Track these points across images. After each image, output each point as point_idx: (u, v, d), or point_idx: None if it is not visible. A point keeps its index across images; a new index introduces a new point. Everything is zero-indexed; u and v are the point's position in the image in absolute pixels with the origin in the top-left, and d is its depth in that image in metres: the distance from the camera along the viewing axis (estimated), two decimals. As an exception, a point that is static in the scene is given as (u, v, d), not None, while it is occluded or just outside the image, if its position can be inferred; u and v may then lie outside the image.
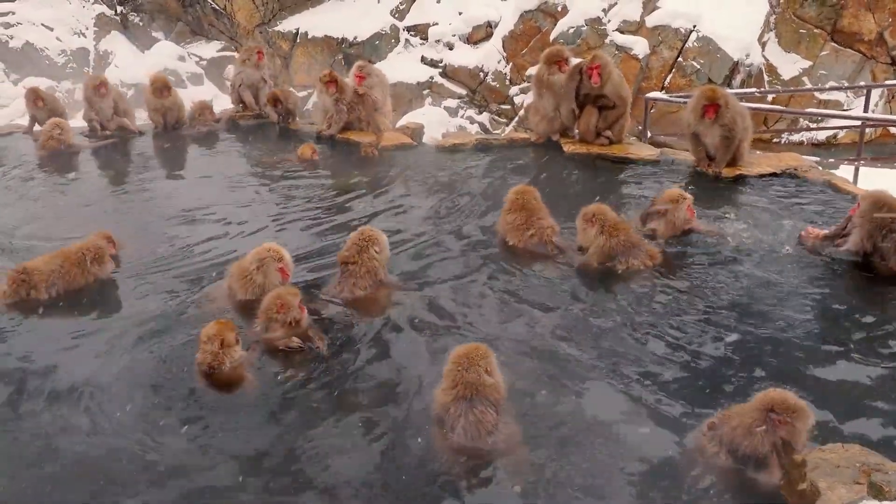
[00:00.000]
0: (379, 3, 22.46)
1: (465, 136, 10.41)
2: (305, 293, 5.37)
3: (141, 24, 24.31)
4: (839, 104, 18.91)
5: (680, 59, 18.88)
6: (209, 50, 23.60)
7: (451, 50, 21.34)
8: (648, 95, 12.96)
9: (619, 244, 6.06)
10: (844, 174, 10.32)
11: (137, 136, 10.88)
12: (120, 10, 24.38)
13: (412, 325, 5.42)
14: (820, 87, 18.37)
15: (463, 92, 20.98)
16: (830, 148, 18.49)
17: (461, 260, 6.47)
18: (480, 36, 21.31)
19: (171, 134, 10.93)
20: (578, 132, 9.19)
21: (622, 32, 19.22)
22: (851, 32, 19.07)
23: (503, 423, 4.18)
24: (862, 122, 13.27)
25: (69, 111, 12.48)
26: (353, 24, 21.86)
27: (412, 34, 21.97)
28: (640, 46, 18.95)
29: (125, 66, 21.87)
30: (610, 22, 19.41)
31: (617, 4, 19.53)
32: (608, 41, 19.02)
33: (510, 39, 20.45)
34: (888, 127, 18.08)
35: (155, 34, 24.12)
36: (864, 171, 12.13)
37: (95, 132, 10.66)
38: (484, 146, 9.64)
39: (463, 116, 20.62)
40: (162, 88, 10.73)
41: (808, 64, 19.27)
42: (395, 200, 8.00)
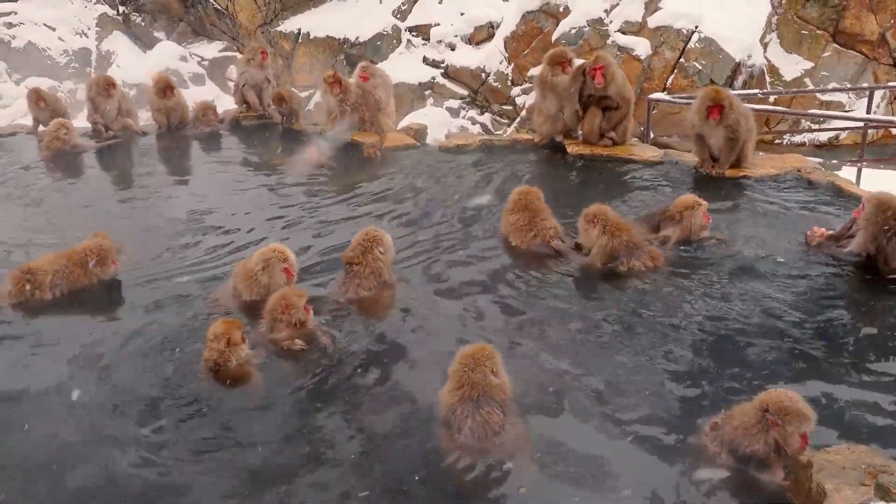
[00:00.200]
0: (381, 3, 22.49)
1: (468, 136, 10.42)
2: (309, 293, 5.37)
3: (143, 24, 24.35)
4: (841, 105, 18.93)
5: (682, 59, 18.91)
6: (211, 50, 23.64)
7: (452, 50, 21.36)
8: (651, 96, 12.96)
9: (621, 245, 6.05)
10: (847, 175, 10.32)
11: (141, 136, 10.89)
12: (122, 10, 24.42)
13: (416, 325, 5.43)
14: (823, 88, 18.39)
15: (464, 92, 21.01)
16: (832, 149, 18.50)
17: (464, 260, 6.47)
18: (482, 36, 21.34)
19: (174, 134, 10.93)
20: (582, 133, 9.19)
21: (624, 33, 19.24)
22: (853, 33, 19.09)
23: (509, 423, 4.18)
24: (864, 123, 13.28)
25: (71, 111, 12.47)
26: (354, 24, 21.90)
27: (414, 34, 21.99)
28: (641, 47, 18.97)
29: (127, 66, 21.89)
30: (612, 23, 19.43)
31: (619, 5, 19.56)
32: (610, 42, 19.05)
33: (512, 40, 20.49)
34: (890, 128, 18.12)
35: (157, 34, 24.16)
36: (866, 172, 12.14)
37: (100, 133, 10.65)
38: (487, 147, 9.64)
39: (464, 117, 20.65)
40: (165, 89, 10.74)
41: (809, 65, 19.29)
42: (398, 201, 8.00)
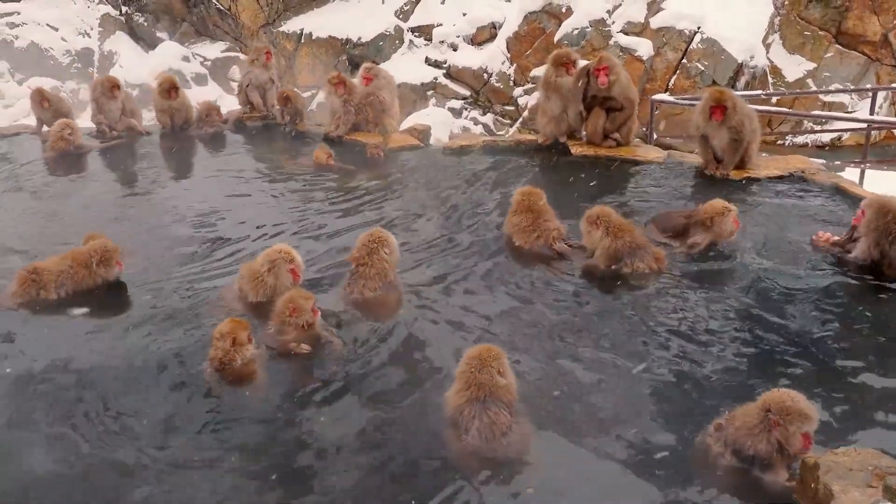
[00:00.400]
0: (383, 3, 22.50)
1: (472, 137, 10.41)
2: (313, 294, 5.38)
3: (145, 24, 24.36)
4: (843, 107, 18.91)
5: (684, 60, 18.89)
6: (214, 50, 23.65)
7: (454, 51, 21.36)
8: (654, 97, 12.96)
9: (624, 246, 6.05)
10: (850, 177, 10.33)
11: (145, 136, 10.89)
12: (125, 10, 24.44)
13: (421, 326, 5.43)
14: (826, 89, 18.36)
15: (467, 93, 21.01)
16: (834, 150, 18.49)
17: (469, 261, 6.48)
18: (484, 37, 21.34)
19: (178, 135, 10.93)
20: (586, 134, 9.19)
21: (626, 34, 19.23)
22: (856, 34, 19.07)
23: (516, 424, 4.19)
24: (868, 124, 13.28)
25: (74, 111, 12.44)
26: (357, 24, 21.90)
27: (416, 35, 22.00)
28: (644, 48, 18.96)
29: (129, 66, 21.91)
30: (614, 23, 19.42)
31: (621, 6, 19.55)
32: (612, 42, 19.04)
33: (514, 40, 20.48)
34: (893, 129, 18.11)
35: (159, 34, 24.18)
36: (869, 173, 12.15)
37: (104, 134, 10.66)
38: (491, 148, 9.65)
39: (467, 117, 20.65)
40: (170, 89, 10.74)
41: (812, 66, 19.26)
42: (402, 202, 8.01)
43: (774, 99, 16.25)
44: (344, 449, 4.22)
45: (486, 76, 20.77)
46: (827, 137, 18.83)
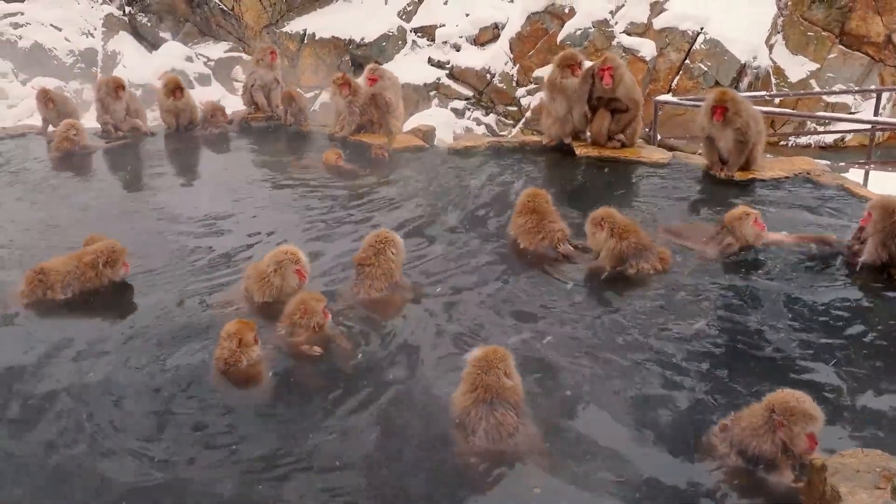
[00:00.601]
0: (386, 4, 22.54)
1: (476, 138, 10.40)
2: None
3: (149, 24, 24.41)
4: (847, 107, 18.92)
5: (687, 61, 18.91)
6: (217, 50, 23.69)
7: (457, 51, 21.40)
8: (658, 98, 12.97)
9: (629, 247, 6.05)
10: (854, 178, 10.31)
11: (149, 137, 10.91)
12: (128, 10, 24.50)
13: (427, 326, 5.43)
14: (830, 90, 18.36)
15: (469, 93, 21.03)
16: (838, 151, 18.49)
17: (474, 262, 6.48)
18: (487, 37, 21.37)
19: (183, 135, 10.95)
20: (590, 135, 9.20)
21: (629, 34, 19.26)
22: (859, 35, 19.08)
23: (523, 425, 4.19)
24: (872, 125, 13.28)
25: (78, 111, 12.47)
26: (360, 25, 21.95)
27: (419, 35, 22.03)
28: (647, 48, 18.98)
29: (133, 66, 21.95)
30: (617, 24, 19.45)
31: (624, 6, 19.58)
32: (615, 43, 19.06)
33: (517, 41, 20.51)
34: (897, 130, 18.08)
35: (163, 34, 24.23)
36: (873, 174, 12.17)
37: (109, 134, 10.67)
38: (495, 149, 9.64)
39: (469, 118, 20.68)
40: (175, 89, 10.75)
41: (815, 66, 19.29)
42: (407, 202, 8.01)
43: (777, 100, 16.26)
44: (350, 450, 4.22)
45: (488, 77, 20.80)
46: (830, 138, 18.84)
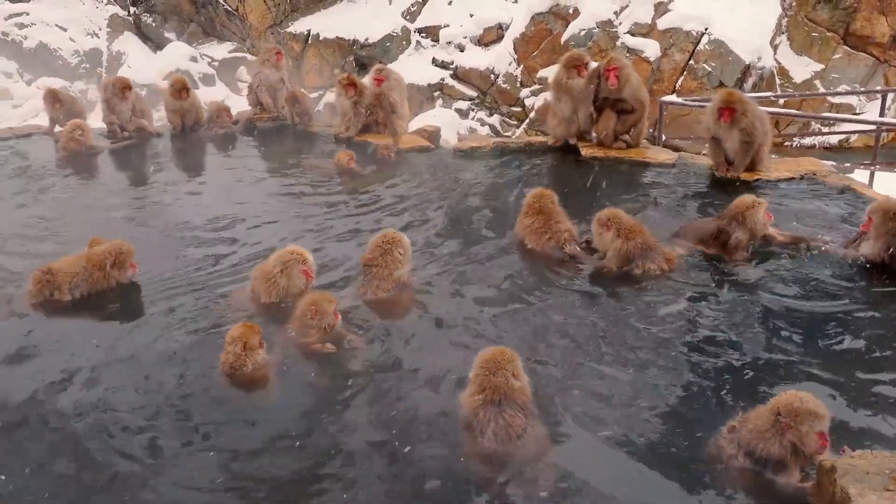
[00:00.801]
0: (390, 4, 22.56)
1: (482, 139, 10.40)
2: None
3: (154, 24, 24.47)
4: (851, 108, 18.89)
5: (691, 61, 18.88)
6: (221, 51, 23.74)
7: (461, 52, 21.41)
8: (663, 99, 12.95)
9: (635, 247, 6.06)
10: (859, 178, 10.30)
11: (155, 137, 10.94)
12: (133, 10, 24.57)
13: (435, 327, 5.44)
14: (836, 91, 18.32)
15: (473, 94, 21.03)
16: (842, 152, 18.46)
17: (480, 262, 6.48)
18: (491, 38, 21.38)
19: (188, 136, 10.98)
20: (596, 136, 9.20)
21: (633, 35, 19.24)
22: (864, 36, 19.04)
23: (531, 426, 4.19)
24: (877, 126, 13.25)
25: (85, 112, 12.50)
26: (364, 25, 21.96)
27: (423, 36, 22.04)
28: (651, 49, 18.96)
29: (138, 66, 22.00)
30: (621, 24, 19.43)
31: (628, 7, 19.56)
32: (619, 44, 19.05)
33: (521, 41, 20.50)
34: (902, 131, 18.03)
35: (167, 35, 24.29)
36: (879, 175, 12.16)
37: (115, 134, 10.70)
38: (501, 149, 9.65)
39: (473, 118, 20.69)
40: (181, 90, 10.78)
41: (820, 67, 19.25)
42: (413, 203, 8.01)
43: (782, 100, 16.25)
44: (358, 451, 4.22)
45: (492, 77, 20.80)
46: (835, 139, 18.81)
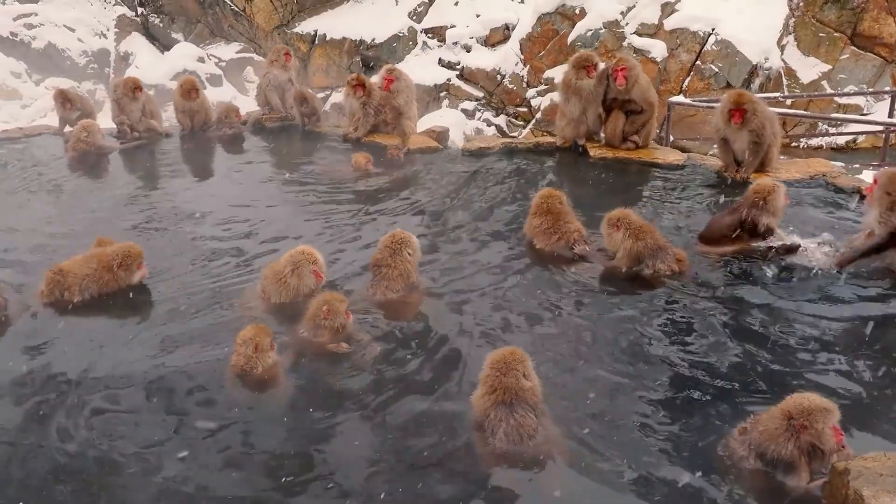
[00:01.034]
0: (397, 5, 22.58)
1: (490, 139, 10.41)
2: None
3: (161, 25, 24.55)
4: (859, 108, 18.83)
5: (698, 62, 18.84)
6: (228, 51, 23.79)
7: (468, 52, 21.40)
8: (671, 99, 12.93)
9: (645, 247, 6.06)
10: (869, 179, 10.26)
11: (164, 137, 10.98)
12: (140, 11, 24.66)
13: (444, 327, 5.43)
14: (844, 92, 18.25)
15: (480, 94, 21.03)
16: (850, 152, 18.40)
17: (490, 263, 6.48)
18: (498, 38, 21.37)
19: (197, 136, 11.01)
20: (605, 136, 9.21)
21: (640, 35, 19.19)
22: (872, 36, 18.97)
23: (542, 426, 4.20)
24: (886, 127, 13.20)
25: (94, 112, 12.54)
26: (370, 26, 21.98)
27: (430, 36, 22.05)
28: (658, 49, 18.92)
29: (145, 67, 22.06)
30: (628, 25, 19.39)
31: (635, 7, 19.51)
32: (626, 44, 19.01)
33: (527, 42, 20.48)
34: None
35: (175, 35, 24.37)
36: (887, 176, 12.07)
37: (125, 134, 10.73)
38: (510, 150, 9.65)
39: (480, 119, 20.68)
40: (190, 90, 10.83)
41: (827, 68, 19.18)
42: (422, 203, 8.03)
43: (789, 101, 16.21)
44: (366, 451, 4.23)
45: (499, 78, 20.79)
46: (842, 140, 18.74)
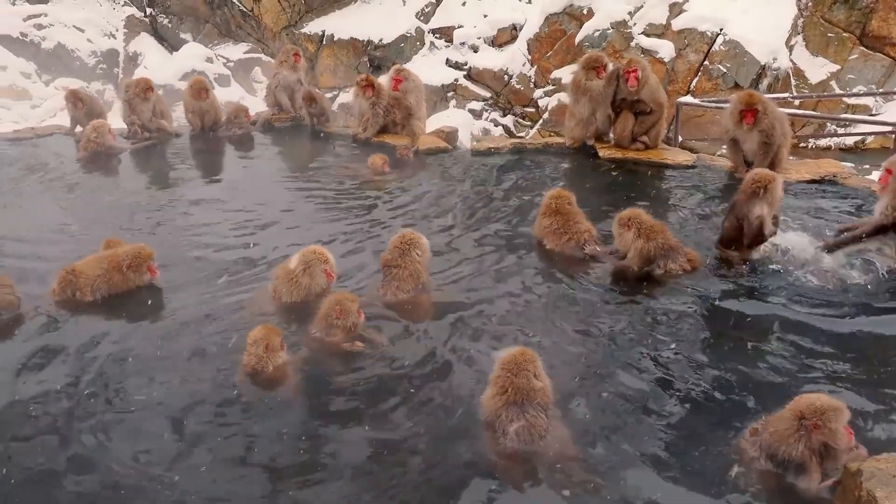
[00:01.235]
0: (404, 5, 22.60)
1: (500, 140, 10.42)
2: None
3: (170, 25, 24.66)
4: (868, 109, 18.74)
5: (706, 62, 18.79)
6: (236, 52, 23.88)
7: (475, 52, 21.41)
8: (680, 100, 12.87)
9: (657, 247, 6.06)
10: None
11: (175, 137, 11.03)
12: (149, 12, 24.78)
13: (454, 328, 5.45)
14: (854, 92, 18.16)
15: (487, 94, 21.03)
16: (859, 153, 18.32)
17: (500, 263, 6.49)
18: (505, 38, 21.37)
19: (207, 136, 11.06)
20: (614, 137, 9.21)
21: (648, 36, 19.15)
22: (881, 36, 18.88)
23: (552, 426, 4.21)
24: (894, 127, 13.16)
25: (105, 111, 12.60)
26: (378, 26, 22.02)
27: (437, 37, 22.07)
28: (665, 50, 18.88)
29: (154, 67, 22.16)
30: (636, 25, 19.34)
31: (643, 7, 19.47)
32: (634, 44, 18.97)
33: (535, 42, 20.46)
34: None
35: (183, 36, 24.47)
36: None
37: (136, 134, 10.80)
38: (519, 150, 9.66)
39: (487, 119, 20.69)
40: (201, 90, 10.89)
41: (836, 68, 19.09)
42: (431, 204, 8.04)
43: (797, 101, 16.14)
44: (376, 451, 4.24)
45: (506, 78, 20.79)
46: (850, 140, 18.66)
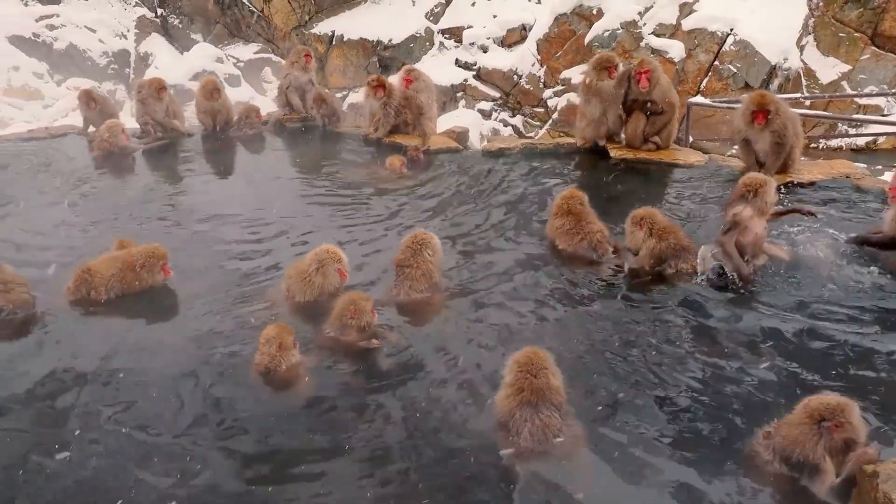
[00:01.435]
0: (414, 5, 22.63)
1: (511, 140, 10.41)
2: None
3: (180, 26, 24.78)
4: (879, 109, 18.64)
5: (716, 62, 18.73)
6: (246, 52, 23.97)
7: (485, 53, 21.41)
8: (691, 100, 12.82)
9: (668, 247, 6.07)
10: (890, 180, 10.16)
11: (187, 137, 11.09)
12: (160, 12, 24.91)
13: (467, 328, 5.47)
14: (865, 92, 18.06)
15: (496, 95, 21.02)
16: (870, 153, 18.22)
17: (511, 263, 6.49)
18: (514, 39, 21.36)
19: (219, 136, 11.11)
20: (625, 137, 9.20)
21: (658, 36, 19.10)
22: (892, 36, 18.77)
23: (566, 426, 4.21)
24: (907, 128, 13.07)
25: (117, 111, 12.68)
26: (388, 26, 22.05)
27: (446, 37, 22.09)
28: (675, 50, 18.82)
29: (165, 67, 22.25)
30: (645, 25, 19.30)
31: (653, 7, 19.42)
32: (643, 45, 18.93)
33: (544, 42, 20.44)
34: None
35: (194, 36, 24.58)
36: (909, 177, 11.95)
37: (149, 134, 10.87)
38: (530, 150, 9.65)
39: (496, 119, 20.69)
40: (213, 90, 10.95)
41: (847, 68, 19.00)
42: (443, 204, 8.05)
43: (808, 101, 16.07)
44: (388, 450, 4.26)
45: (515, 78, 20.78)
46: (862, 141, 18.56)
